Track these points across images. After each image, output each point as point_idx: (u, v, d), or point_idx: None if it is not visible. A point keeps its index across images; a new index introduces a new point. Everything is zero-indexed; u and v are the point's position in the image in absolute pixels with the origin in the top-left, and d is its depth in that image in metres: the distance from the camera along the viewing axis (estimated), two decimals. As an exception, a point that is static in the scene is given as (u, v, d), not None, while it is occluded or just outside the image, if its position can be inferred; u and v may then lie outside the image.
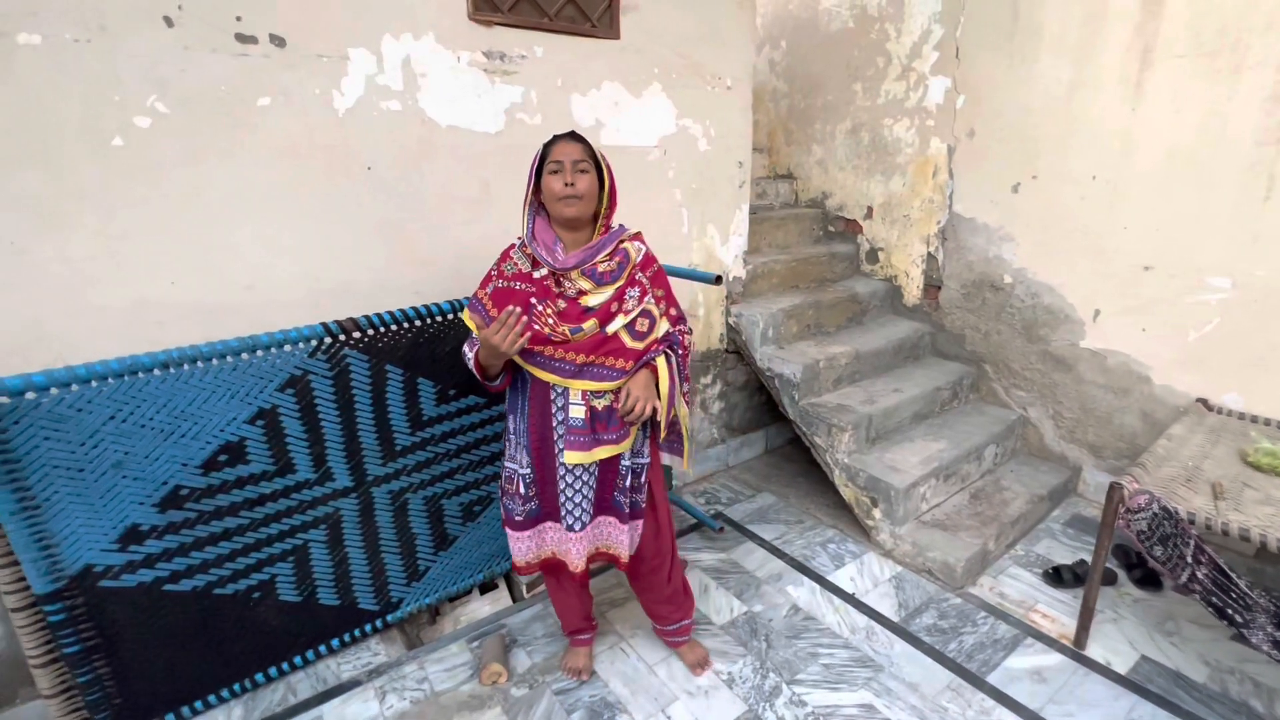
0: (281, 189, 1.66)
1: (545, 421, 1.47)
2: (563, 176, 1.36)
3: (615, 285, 1.44)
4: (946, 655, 1.87)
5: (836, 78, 3.21)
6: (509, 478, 1.54)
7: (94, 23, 1.38)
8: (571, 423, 1.44)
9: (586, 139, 1.41)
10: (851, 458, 2.44)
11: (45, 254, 1.42)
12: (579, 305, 1.41)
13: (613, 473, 1.52)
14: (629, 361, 1.43)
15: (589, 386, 1.41)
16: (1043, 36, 2.48)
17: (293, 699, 1.73)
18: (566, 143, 1.39)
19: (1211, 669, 1.80)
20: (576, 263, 1.40)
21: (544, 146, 1.42)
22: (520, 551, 1.59)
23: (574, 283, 1.42)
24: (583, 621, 1.78)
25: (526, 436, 1.49)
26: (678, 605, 1.79)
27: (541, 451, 1.50)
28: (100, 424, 1.39)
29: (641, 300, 1.46)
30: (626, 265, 1.45)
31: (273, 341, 1.56)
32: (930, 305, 3.08)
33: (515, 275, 1.44)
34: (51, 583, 1.39)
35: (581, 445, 1.44)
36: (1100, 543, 1.78)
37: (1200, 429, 2.11)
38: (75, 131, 1.40)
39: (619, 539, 1.58)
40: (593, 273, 1.42)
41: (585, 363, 1.41)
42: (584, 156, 1.38)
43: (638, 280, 1.47)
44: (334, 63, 1.67)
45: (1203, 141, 2.16)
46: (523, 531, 1.57)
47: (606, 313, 1.42)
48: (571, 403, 1.43)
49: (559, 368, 1.41)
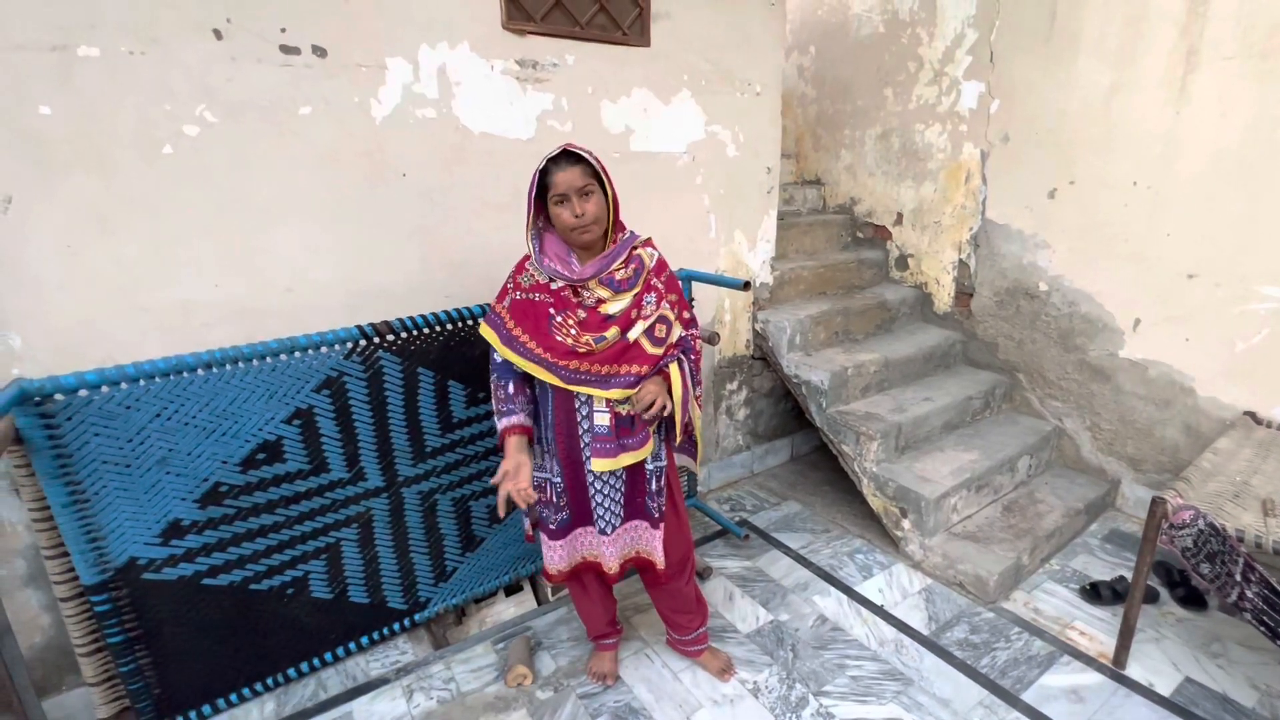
0: (320, 195, 1.71)
1: (571, 430, 1.47)
2: (571, 208, 1.32)
3: (633, 292, 1.43)
4: (979, 671, 1.82)
5: (866, 83, 3.18)
6: (540, 486, 1.54)
7: (147, 35, 1.44)
8: (597, 430, 1.43)
9: (583, 153, 1.32)
10: (880, 467, 2.40)
11: (98, 256, 1.48)
12: (599, 314, 1.40)
13: (641, 477, 1.53)
14: (649, 367, 1.43)
15: (614, 395, 1.41)
16: (1081, 39, 2.43)
17: (323, 694, 1.76)
18: (565, 169, 1.30)
19: (1261, 694, 1.73)
20: (594, 272, 1.39)
21: (539, 173, 1.33)
22: (555, 559, 1.59)
23: (592, 292, 1.41)
24: (608, 626, 1.78)
25: (554, 445, 1.50)
26: (696, 612, 1.77)
27: (570, 459, 1.50)
28: (147, 421, 1.43)
29: (658, 305, 1.46)
30: (642, 271, 1.44)
31: (310, 343, 1.59)
32: (962, 313, 3.02)
33: (533, 287, 1.43)
34: (99, 574, 1.44)
35: (608, 453, 1.44)
36: (1142, 558, 1.72)
37: (1248, 443, 2.03)
38: (129, 139, 1.46)
39: (653, 544, 1.58)
40: (610, 280, 1.41)
41: (609, 372, 1.40)
42: (587, 179, 1.31)
43: (653, 285, 1.46)
44: (372, 72, 1.71)
45: (1251, 145, 2.08)
46: (557, 540, 1.57)
47: (627, 319, 1.42)
48: (596, 411, 1.43)
49: (584, 378, 1.40)
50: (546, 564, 1.61)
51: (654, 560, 1.59)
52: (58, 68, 1.37)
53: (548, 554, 1.59)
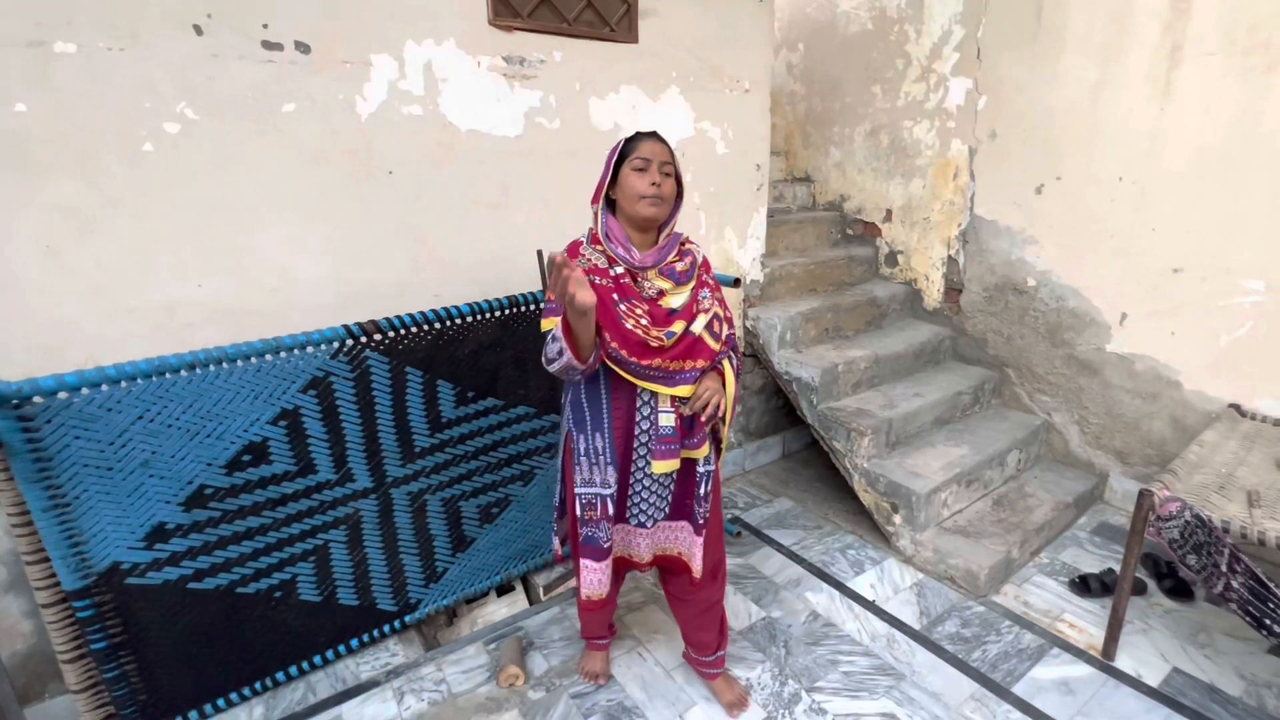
0: (305, 193, 1.69)
1: (629, 432, 1.40)
2: (649, 175, 1.30)
3: (690, 285, 1.39)
4: (970, 664, 1.83)
5: (855, 80, 3.19)
6: (590, 503, 1.42)
7: (126, 31, 1.41)
8: (662, 432, 1.37)
9: (669, 143, 1.35)
10: (871, 462, 2.41)
11: (79, 257, 1.45)
12: (661, 308, 1.35)
13: (692, 479, 1.47)
14: (706, 361, 1.37)
15: (681, 392, 1.35)
16: (1067, 36, 2.44)
17: (312, 698, 1.74)
18: (655, 141, 1.31)
19: (1248, 683, 1.75)
20: (654, 261, 1.35)
21: (626, 141, 1.33)
22: (595, 584, 1.49)
23: (651, 282, 1.36)
24: (604, 628, 1.77)
25: (612, 452, 1.40)
26: (722, 632, 1.69)
27: (624, 465, 1.43)
28: (129, 423, 1.41)
29: (712, 301, 1.42)
30: (696, 265, 1.42)
31: (296, 343, 1.57)
32: (951, 309, 3.04)
33: (592, 270, 1.34)
34: (80, 579, 1.42)
35: (670, 454, 1.39)
36: (1130, 551, 1.73)
37: (1234, 435, 2.06)
38: (108, 137, 1.43)
39: (693, 549, 1.51)
40: (671, 272, 1.37)
41: (675, 368, 1.34)
42: (670, 159, 1.32)
43: (704, 281, 1.43)
44: (357, 69, 1.69)
45: (1235, 140, 2.11)
46: (604, 560, 1.47)
47: (689, 313, 1.37)
48: (661, 410, 1.37)
49: (653, 374, 1.33)
50: (588, 590, 1.50)
51: (691, 564, 1.52)
52: (34, 64, 1.34)
53: (588, 576, 1.48)
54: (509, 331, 1.90)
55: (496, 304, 1.86)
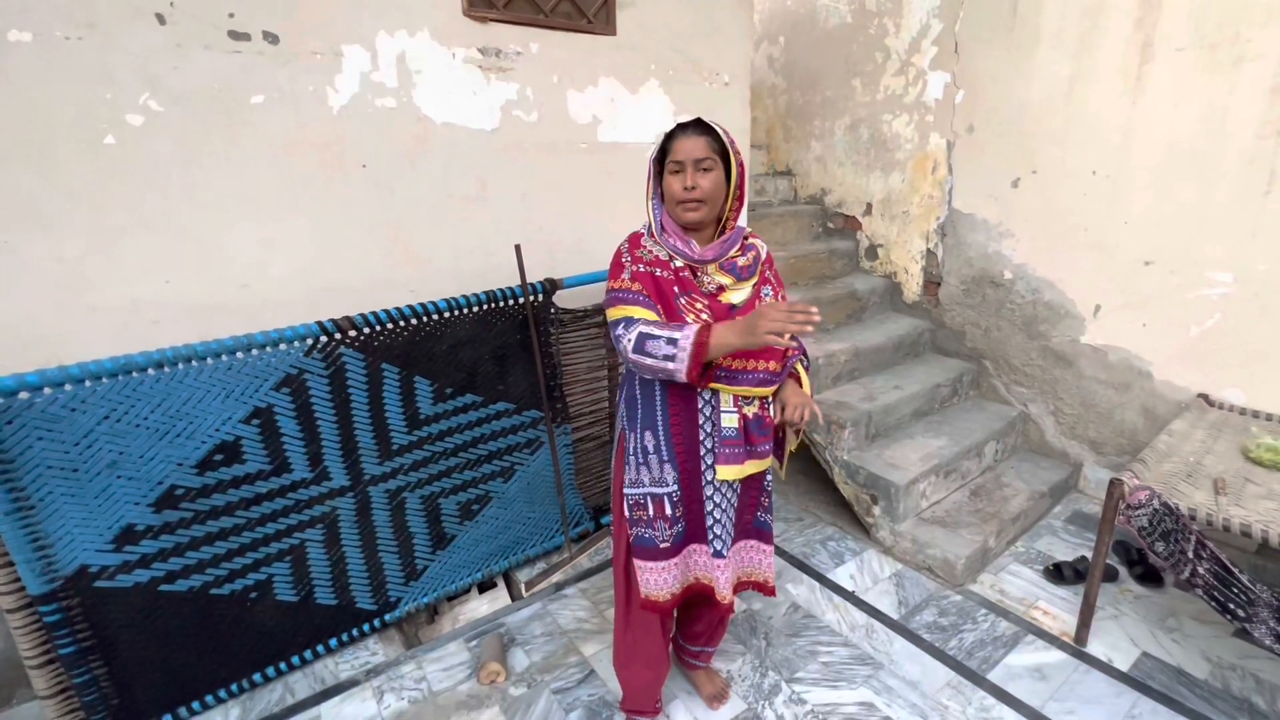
0: (276, 187, 1.65)
1: (692, 433, 1.32)
2: (683, 179, 1.21)
3: (753, 281, 1.32)
4: (946, 653, 1.86)
5: (835, 73, 3.19)
6: (639, 503, 1.35)
7: (84, 20, 1.37)
8: (725, 433, 1.30)
9: (715, 126, 1.22)
10: (851, 455, 2.43)
11: (38, 253, 1.41)
12: (721, 303, 1.28)
13: (756, 490, 1.42)
14: (778, 363, 1.31)
15: (745, 392, 1.28)
16: (1041, 30, 2.46)
17: (290, 699, 1.72)
18: (689, 137, 1.21)
19: (1213, 665, 1.80)
20: (715, 255, 1.27)
21: (665, 137, 1.24)
22: (661, 583, 1.38)
23: (712, 278, 1.28)
24: (650, 701, 1.58)
25: (671, 450, 1.32)
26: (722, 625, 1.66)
27: (688, 466, 1.34)
28: (94, 424, 1.38)
29: (775, 298, 1.35)
30: (759, 261, 1.34)
31: (268, 340, 1.55)
32: (930, 302, 3.07)
33: (654, 261, 1.28)
34: (47, 583, 1.38)
35: (735, 459, 1.31)
36: (1101, 539, 1.77)
37: (1201, 425, 2.10)
38: (67, 130, 1.39)
39: (765, 564, 1.48)
40: (732, 267, 1.29)
41: (739, 367, 1.27)
42: (709, 152, 1.21)
43: (768, 277, 1.35)
44: (328, 60, 1.66)
45: (1203, 135, 2.14)
46: (668, 560, 1.37)
47: (751, 310, 1.28)
48: (723, 411, 1.29)
49: (715, 373, 1.26)
50: (649, 591, 1.38)
51: (765, 582, 1.47)
52: (-13, 53, 1.30)
53: (653, 579, 1.37)
54: (487, 327, 1.89)
55: (474, 299, 1.84)
